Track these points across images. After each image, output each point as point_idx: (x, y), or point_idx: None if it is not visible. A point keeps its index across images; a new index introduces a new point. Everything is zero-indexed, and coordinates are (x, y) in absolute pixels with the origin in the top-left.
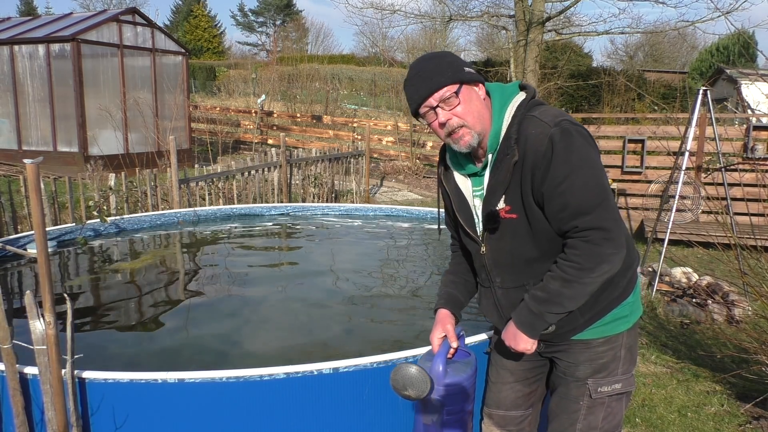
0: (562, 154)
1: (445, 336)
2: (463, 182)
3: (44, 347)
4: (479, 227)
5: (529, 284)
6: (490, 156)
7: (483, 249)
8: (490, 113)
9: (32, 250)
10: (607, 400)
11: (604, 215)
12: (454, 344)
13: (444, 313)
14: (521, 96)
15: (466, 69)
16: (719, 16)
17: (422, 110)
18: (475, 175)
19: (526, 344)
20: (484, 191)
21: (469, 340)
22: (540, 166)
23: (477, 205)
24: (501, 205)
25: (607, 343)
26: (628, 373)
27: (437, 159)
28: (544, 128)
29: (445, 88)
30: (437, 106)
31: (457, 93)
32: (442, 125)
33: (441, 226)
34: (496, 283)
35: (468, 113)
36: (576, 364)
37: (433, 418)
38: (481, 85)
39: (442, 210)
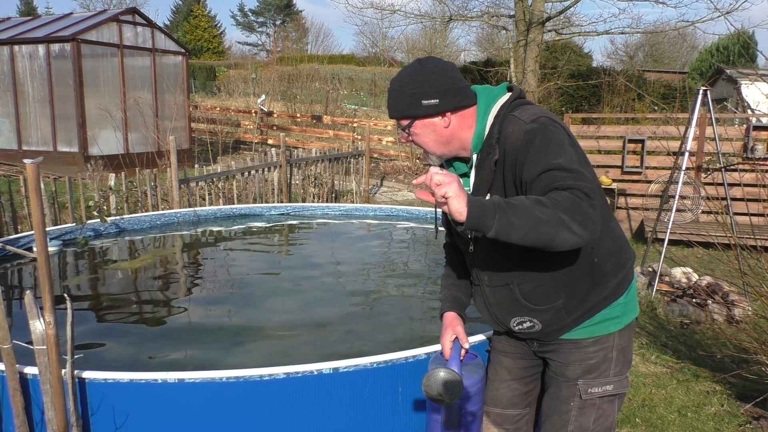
0: (539, 143)
1: (456, 338)
2: None
3: (44, 347)
4: None
5: (513, 283)
6: (474, 156)
7: (471, 248)
8: (470, 123)
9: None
10: (598, 401)
11: (587, 186)
12: (466, 345)
13: (452, 316)
14: (506, 97)
15: (425, 102)
16: (719, 16)
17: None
18: (465, 176)
19: (454, 212)
20: (470, 190)
21: (473, 339)
22: (518, 160)
23: None
24: None
25: (597, 344)
26: (620, 375)
27: None
28: (521, 126)
29: (400, 121)
30: (400, 128)
31: (407, 128)
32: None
33: (439, 228)
34: (484, 281)
35: (424, 143)
36: (566, 364)
37: (450, 419)
38: (448, 114)
39: (440, 210)
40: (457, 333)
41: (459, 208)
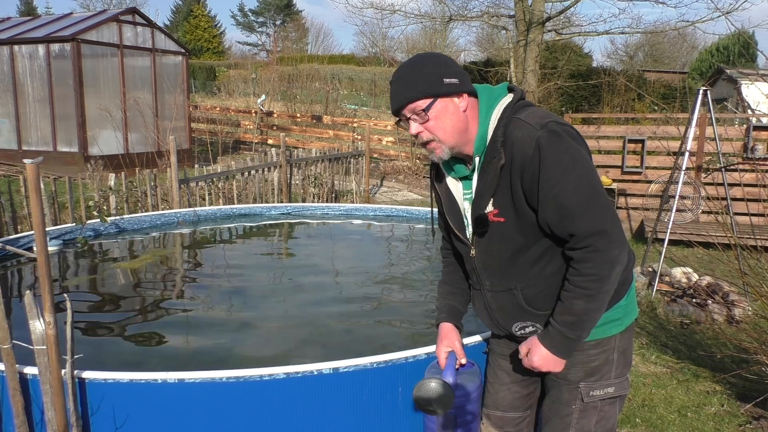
0: (551, 158)
1: (452, 350)
2: (454, 185)
3: (44, 347)
4: (469, 230)
5: (516, 288)
6: (477, 159)
7: (472, 252)
8: (475, 117)
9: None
10: (599, 404)
11: (600, 217)
12: (463, 360)
13: (448, 327)
14: (508, 98)
15: (446, 80)
16: (719, 16)
17: (399, 118)
18: (465, 178)
19: (559, 366)
20: (473, 194)
21: (468, 340)
22: (529, 170)
23: (467, 208)
24: (489, 208)
25: (599, 346)
26: (621, 377)
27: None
28: (530, 131)
29: (417, 103)
30: (410, 117)
31: (426, 109)
32: (415, 136)
33: (434, 226)
34: (485, 286)
35: (439, 129)
36: (567, 366)
37: (445, 428)
38: (464, 95)
39: (435, 210)
40: (453, 347)
41: (558, 369)
